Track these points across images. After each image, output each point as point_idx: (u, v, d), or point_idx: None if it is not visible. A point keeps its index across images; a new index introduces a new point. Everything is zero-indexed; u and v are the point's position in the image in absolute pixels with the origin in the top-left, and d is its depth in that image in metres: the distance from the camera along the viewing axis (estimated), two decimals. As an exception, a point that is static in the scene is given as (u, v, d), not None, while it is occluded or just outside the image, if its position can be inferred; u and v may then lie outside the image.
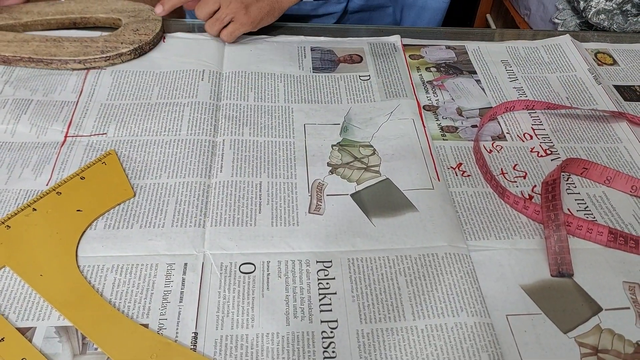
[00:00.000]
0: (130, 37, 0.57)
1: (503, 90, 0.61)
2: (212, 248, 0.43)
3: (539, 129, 0.56)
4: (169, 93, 0.56)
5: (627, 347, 0.39)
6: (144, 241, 0.43)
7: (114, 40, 0.58)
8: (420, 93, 0.59)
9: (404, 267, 0.42)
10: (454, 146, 0.53)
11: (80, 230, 0.43)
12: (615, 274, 0.43)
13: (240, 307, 0.39)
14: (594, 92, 0.61)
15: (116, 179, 0.47)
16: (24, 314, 0.38)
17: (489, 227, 0.46)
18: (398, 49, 0.65)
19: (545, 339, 0.39)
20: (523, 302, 0.41)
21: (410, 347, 0.38)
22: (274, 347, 0.37)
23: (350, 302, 0.40)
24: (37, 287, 0.39)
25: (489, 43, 0.68)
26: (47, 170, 0.48)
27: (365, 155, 0.52)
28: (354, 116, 0.55)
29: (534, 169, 0.51)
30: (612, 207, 0.48)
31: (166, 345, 0.37)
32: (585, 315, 0.40)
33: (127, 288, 0.40)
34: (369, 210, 0.46)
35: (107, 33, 0.60)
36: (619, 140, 0.55)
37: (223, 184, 0.48)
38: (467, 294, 0.41)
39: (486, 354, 0.37)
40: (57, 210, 0.44)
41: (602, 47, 0.69)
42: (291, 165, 0.50)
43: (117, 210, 0.45)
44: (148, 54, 0.61)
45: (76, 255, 0.41)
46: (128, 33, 0.57)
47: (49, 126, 0.52)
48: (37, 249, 0.41)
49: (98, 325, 0.37)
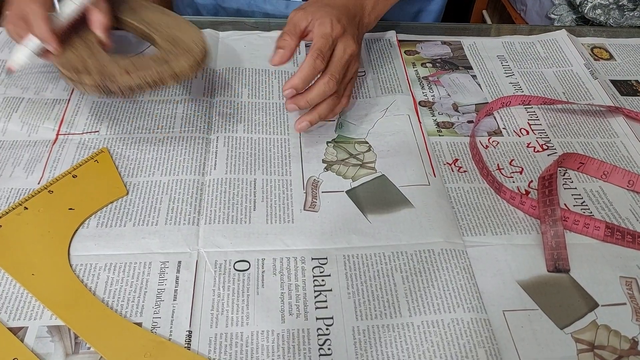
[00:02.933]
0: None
1: (499, 85, 0.60)
2: (206, 246, 0.42)
3: (536, 124, 0.56)
4: (162, 90, 0.56)
5: (623, 343, 0.38)
6: (137, 239, 0.42)
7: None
8: (416, 89, 0.59)
9: (399, 264, 0.42)
10: (450, 142, 0.53)
11: (73, 229, 0.42)
12: (612, 268, 0.43)
13: (235, 305, 0.39)
14: (590, 87, 0.61)
15: (109, 177, 0.47)
16: (15, 314, 0.37)
17: (485, 223, 0.46)
18: (393, 44, 0.65)
19: (541, 334, 0.39)
20: (519, 298, 0.41)
21: (407, 344, 0.37)
22: (269, 344, 0.37)
23: (346, 299, 0.40)
24: (29, 287, 0.39)
25: (485, 38, 0.67)
26: (38, 169, 0.47)
27: (361, 151, 0.51)
28: (349, 112, 0.55)
29: (530, 164, 0.51)
30: (609, 202, 0.48)
31: (160, 344, 0.36)
32: (581, 311, 0.40)
33: (121, 286, 0.39)
34: (364, 206, 0.46)
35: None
36: (615, 135, 0.55)
37: (217, 182, 0.47)
38: (463, 290, 0.40)
39: (483, 349, 0.37)
40: (49, 209, 0.44)
41: (599, 42, 0.69)
42: (286, 162, 0.50)
43: (110, 208, 0.44)
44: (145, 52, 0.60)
45: (68, 254, 0.41)
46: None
47: (41, 124, 0.51)
48: (29, 248, 0.41)
49: (91, 325, 0.37)
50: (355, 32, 0.50)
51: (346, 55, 0.47)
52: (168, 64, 0.47)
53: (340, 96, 0.49)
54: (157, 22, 0.54)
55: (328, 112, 0.49)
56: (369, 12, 0.54)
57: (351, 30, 0.49)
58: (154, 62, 0.47)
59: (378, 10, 0.55)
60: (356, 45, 0.49)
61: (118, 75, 0.46)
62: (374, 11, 0.54)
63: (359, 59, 0.52)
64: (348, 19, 0.49)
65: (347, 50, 0.47)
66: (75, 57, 0.48)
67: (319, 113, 0.48)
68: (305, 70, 0.45)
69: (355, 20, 0.51)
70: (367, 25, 0.55)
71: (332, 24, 0.47)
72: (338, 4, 0.50)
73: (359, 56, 0.51)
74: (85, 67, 0.47)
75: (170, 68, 0.47)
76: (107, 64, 0.47)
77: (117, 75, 0.46)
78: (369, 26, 0.55)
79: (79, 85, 0.46)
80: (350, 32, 0.48)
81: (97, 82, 0.45)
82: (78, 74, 0.46)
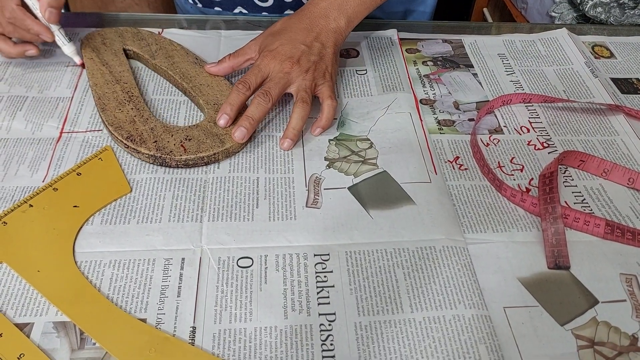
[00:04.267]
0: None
1: (500, 83, 0.61)
2: (209, 243, 0.43)
3: (536, 122, 0.56)
4: (165, 89, 0.56)
5: (623, 339, 0.39)
6: (142, 236, 0.43)
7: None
8: (417, 87, 0.59)
9: (401, 260, 0.42)
10: (451, 139, 0.53)
11: (77, 226, 0.43)
12: (612, 266, 0.43)
13: (238, 301, 0.39)
14: (590, 85, 0.61)
15: (112, 174, 0.47)
16: (21, 310, 0.38)
17: (487, 220, 0.46)
18: (395, 43, 0.65)
19: (542, 331, 0.39)
20: (520, 295, 0.41)
21: (408, 340, 0.38)
22: (272, 340, 0.37)
23: (348, 295, 0.40)
24: (34, 284, 0.39)
25: (486, 36, 0.67)
26: (43, 167, 0.47)
27: (363, 148, 0.51)
28: (351, 110, 0.55)
29: (531, 162, 0.52)
30: (609, 200, 0.48)
31: (165, 340, 0.37)
32: (581, 308, 0.40)
33: (125, 283, 0.40)
34: (366, 203, 0.46)
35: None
36: (615, 133, 0.55)
37: (220, 180, 0.47)
38: (464, 287, 0.41)
39: (484, 345, 0.37)
40: (53, 206, 0.44)
41: (599, 40, 0.69)
42: (288, 160, 0.50)
43: (114, 205, 0.45)
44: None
45: (73, 251, 0.41)
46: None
47: (45, 122, 0.51)
48: (34, 245, 0.41)
49: (96, 321, 0.37)
50: (306, 50, 0.52)
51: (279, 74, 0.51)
52: (223, 144, 0.48)
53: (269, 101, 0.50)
54: (196, 77, 0.55)
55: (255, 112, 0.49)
56: (335, 17, 0.55)
57: (296, 51, 0.52)
58: (208, 138, 0.48)
59: (349, 12, 0.56)
60: (290, 64, 0.51)
61: (175, 151, 0.47)
62: (343, 14, 0.55)
63: (331, 62, 0.54)
64: (295, 42, 0.52)
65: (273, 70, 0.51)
66: (125, 117, 0.49)
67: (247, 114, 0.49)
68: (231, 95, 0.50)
69: (312, 35, 0.54)
70: (338, 29, 0.55)
71: (267, 57, 0.52)
72: (291, 28, 0.54)
73: (330, 60, 0.54)
74: (139, 134, 0.48)
75: (225, 150, 0.48)
76: (161, 133, 0.48)
77: (174, 150, 0.47)
78: (343, 27, 0.56)
79: (134, 153, 0.48)
80: (291, 54, 0.51)
81: (154, 154, 0.47)
82: (134, 143, 0.47)
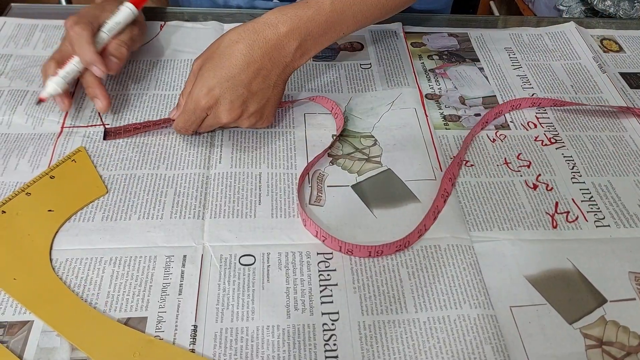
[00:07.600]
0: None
1: (507, 78, 0.60)
2: (211, 240, 0.42)
3: (543, 117, 0.55)
4: (167, 84, 0.56)
5: (631, 339, 0.38)
6: (143, 233, 0.42)
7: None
8: (422, 81, 0.58)
9: (405, 259, 0.42)
10: (457, 135, 0.52)
11: (53, 231, 0.42)
12: (622, 263, 0.42)
13: (240, 300, 0.39)
14: (598, 80, 0.60)
15: (87, 176, 0.46)
16: (20, 308, 0.37)
17: (492, 218, 0.45)
18: (399, 36, 0.64)
19: (550, 330, 0.38)
20: (527, 293, 0.40)
21: (413, 340, 0.37)
22: (274, 339, 0.37)
23: (352, 294, 0.39)
24: (11, 292, 0.38)
25: (492, 30, 0.66)
26: (44, 162, 0.47)
27: (367, 146, 0.51)
28: (355, 106, 0.55)
29: (538, 157, 0.51)
30: (617, 197, 0.48)
31: (149, 343, 0.36)
32: (590, 307, 0.40)
33: (126, 280, 0.39)
34: (370, 201, 0.46)
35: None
36: (624, 129, 0.54)
37: (222, 175, 0.47)
38: (470, 286, 0.40)
39: (489, 346, 0.37)
40: (27, 212, 0.42)
41: (608, 33, 0.68)
42: (291, 156, 0.49)
43: (114, 201, 0.44)
44: (145, 44, 0.60)
45: (50, 256, 0.40)
46: None
47: (45, 117, 0.51)
48: (9, 252, 0.40)
49: (77, 327, 0.36)
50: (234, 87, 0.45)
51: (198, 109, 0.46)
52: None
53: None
54: None
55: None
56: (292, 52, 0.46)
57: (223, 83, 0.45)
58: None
59: (304, 49, 0.47)
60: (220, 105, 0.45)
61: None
62: (300, 49, 0.47)
63: (272, 100, 0.48)
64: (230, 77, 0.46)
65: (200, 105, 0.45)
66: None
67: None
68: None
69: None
70: (293, 62, 0.47)
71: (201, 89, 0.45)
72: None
73: (276, 91, 0.48)
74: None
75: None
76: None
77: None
78: (294, 60, 0.47)
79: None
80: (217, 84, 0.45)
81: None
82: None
